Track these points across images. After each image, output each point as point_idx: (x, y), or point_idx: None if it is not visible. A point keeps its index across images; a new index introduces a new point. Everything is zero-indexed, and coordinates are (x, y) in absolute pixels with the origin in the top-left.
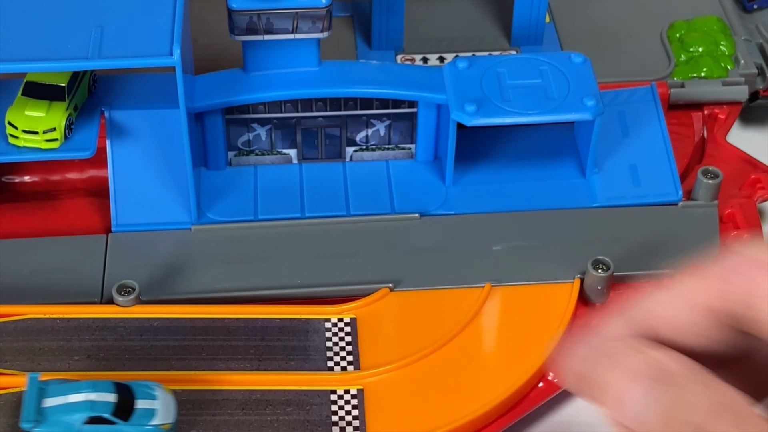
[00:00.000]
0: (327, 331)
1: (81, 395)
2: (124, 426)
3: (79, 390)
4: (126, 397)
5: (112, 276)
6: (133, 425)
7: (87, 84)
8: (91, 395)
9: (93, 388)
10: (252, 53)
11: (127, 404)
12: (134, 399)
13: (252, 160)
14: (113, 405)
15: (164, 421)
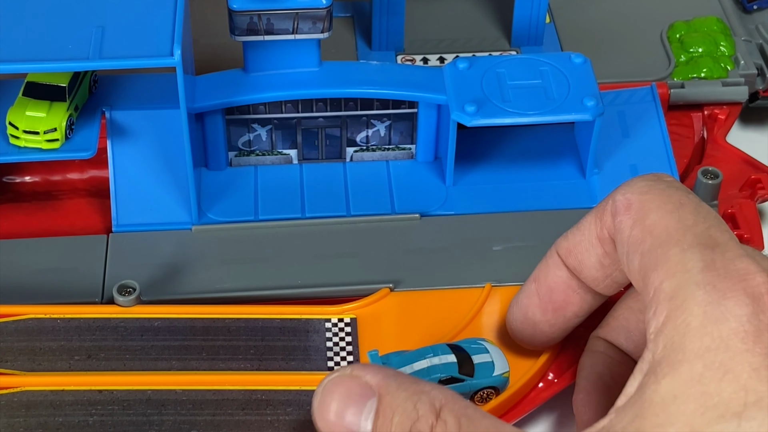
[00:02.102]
0: (327, 332)
1: (425, 361)
2: (473, 381)
3: (421, 357)
4: (464, 356)
5: (113, 276)
6: (481, 379)
7: (88, 84)
8: (433, 359)
9: (433, 353)
10: (252, 54)
11: (467, 362)
12: (470, 356)
13: (252, 160)
14: (456, 365)
15: (503, 370)
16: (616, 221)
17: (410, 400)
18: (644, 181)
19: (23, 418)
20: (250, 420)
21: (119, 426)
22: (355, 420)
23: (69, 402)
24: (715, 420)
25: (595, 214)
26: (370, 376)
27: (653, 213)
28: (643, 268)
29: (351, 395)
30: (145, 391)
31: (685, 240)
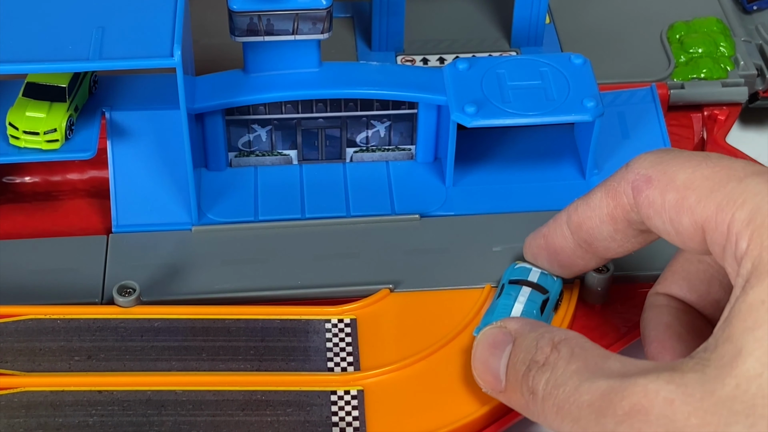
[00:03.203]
0: (327, 332)
1: (518, 306)
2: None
3: (509, 305)
4: (525, 281)
5: (113, 277)
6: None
7: (88, 85)
8: (521, 299)
9: (511, 294)
10: (252, 54)
11: (532, 284)
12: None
13: (252, 161)
14: (534, 292)
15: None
16: (641, 198)
17: (534, 339)
18: (651, 157)
19: (23, 419)
20: (250, 421)
21: (119, 426)
22: (495, 364)
23: (69, 402)
24: None
25: (605, 193)
26: (512, 324)
27: (681, 173)
28: (700, 219)
29: (495, 343)
30: (145, 391)
31: (734, 175)
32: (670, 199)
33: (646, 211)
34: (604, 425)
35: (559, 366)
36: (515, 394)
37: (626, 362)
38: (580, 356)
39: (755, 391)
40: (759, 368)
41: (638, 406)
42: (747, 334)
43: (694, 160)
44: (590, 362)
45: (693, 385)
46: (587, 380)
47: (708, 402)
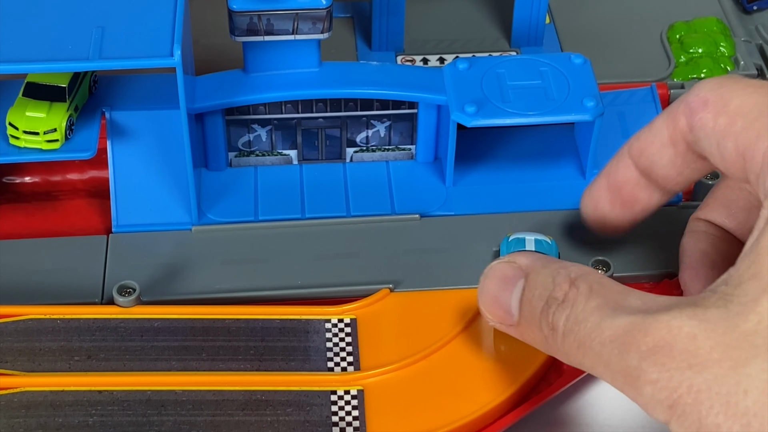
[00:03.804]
0: (327, 332)
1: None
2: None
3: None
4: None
5: (113, 276)
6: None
7: (88, 85)
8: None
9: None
10: (252, 54)
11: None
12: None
13: (252, 160)
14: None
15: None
16: (696, 119)
17: (550, 275)
18: (713, 81)
19: (23, 419)
20: (250, 420)
21: (119, 426)
22: (506, 298)
23: (69, 402)
24: None
25: (666, 117)
26: (522, 259)
27: (735, 99)
28: (742, 146)
29: (505, 278)
30: (145, 391)
31: None
32: (721, 123)
33: (698, 132)
34: (628, 361)
35: (579, 302)
36: (531, 330)
37: (646, 299)
38: (599, 292)
39: None
40: None
41: (662, 341)
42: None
43: (752, 86)
44: (610, 298)
45: (716, 321)
46: (609, 317)
47: (730, 337)
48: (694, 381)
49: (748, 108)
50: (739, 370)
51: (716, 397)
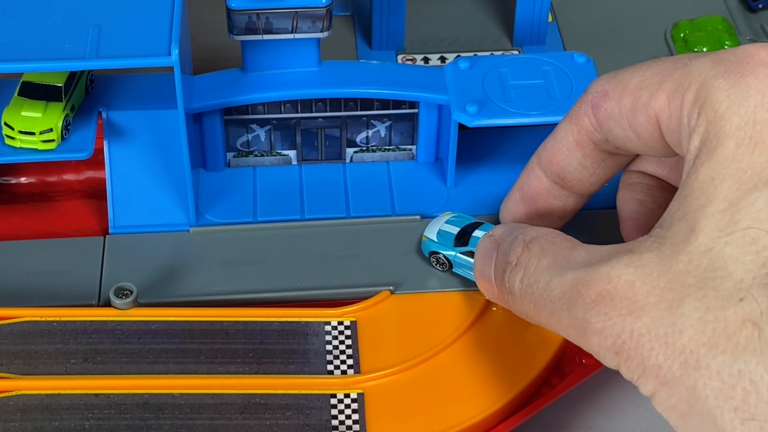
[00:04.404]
0: (327, 335)
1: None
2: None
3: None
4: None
5: (110, 278)
6: None
7: (84, 84)
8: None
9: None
10: (251, 53)
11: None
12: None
13: (251, 161)
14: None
15: None
16: (601, 113)
17: (510, 242)
18: (606, 75)
19: (19, 423)
20: (249, 424)
21: (116, 430)
22: (488, 270)
23: (65, 406)
24: (749, 191)
25: (569, 121)
26: (497, 230)
27: (633, 79)
28: (654, 113)
29: (486, 252)
30: (143, 395)
31: (679, 63)
32: (626, 103)
33: (606, 124)
34: (575, 314)
35: (531, 264)
36: (501, 297)
37: (592, 251)
38: (550, 251)
39: (706, 265)
40: (709, 243)
41: (603, 292)
42: (699, 211)
43: (646, 63)
44: (559, 256)
45: (650, 265)
46: (557, 275)
47: (664, 279)
48: (635, 326)
49: (648, 79)
50: (674, 311)
51: (655, 339)
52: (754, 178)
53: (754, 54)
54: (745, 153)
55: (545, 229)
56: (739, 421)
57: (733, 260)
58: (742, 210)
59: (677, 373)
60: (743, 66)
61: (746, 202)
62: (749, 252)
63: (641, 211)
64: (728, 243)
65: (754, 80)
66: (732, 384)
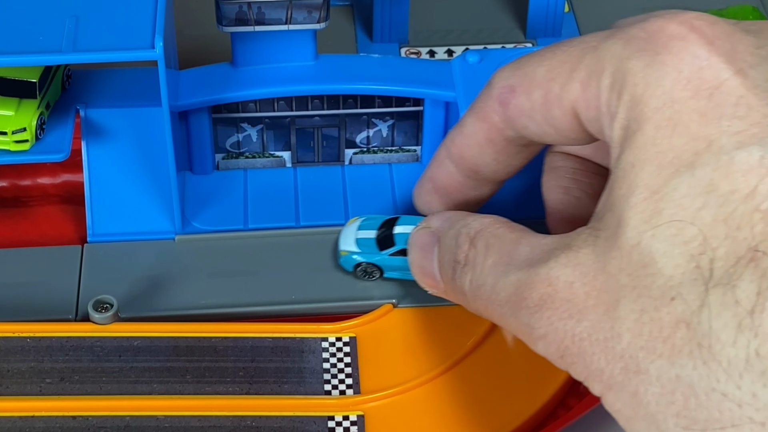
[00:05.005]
0: (324, 352)
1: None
2: None
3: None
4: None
5: (88, 291)
6: None
7: (60, 79)
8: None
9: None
10: (242, 46)
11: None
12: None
13: (242, 163)
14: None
15: None
16: (511, 110)
17: (453, 237)
18: (507, 67)
19: None
20: None
21: None
22: (429, 266)
23: (40, 429)
24: (670, 176)
25: (476, 117)
26: (434, 221)
27: (539, 69)
28: (569, 104)
29: (423, 246)
30: (124, 417)
31: (588, 47)
32: (537, 97)
33: (519, 121)
34: (521, 319)
35: (477, 263)
36: (454, 295)
37: (535, 245)
38: (495, 247)
39: (636, 261)
40: (636, 237)
41: (545, 296)
42: (623, 202)
43: (550, 50)
44: (503, 252)
45: (587, 264)
46: (502, 275)
47: (600, 279)
48: (576, 330)
49: (557, 68)
50: (611, 314)
51: (596, 343)
52: (675, 162)
53: (664, 27)
54: (664, 136)
55: (488, 218)
56: (682, 427)
57: (661, 255)
58: (664, 198)
59: (619, 378)
60: (656, 42)
61: (668, 189)
62: (676, 245)
63: (567, 201)
64: (654, 236)
65: (668, 56)
66: (671, 389)
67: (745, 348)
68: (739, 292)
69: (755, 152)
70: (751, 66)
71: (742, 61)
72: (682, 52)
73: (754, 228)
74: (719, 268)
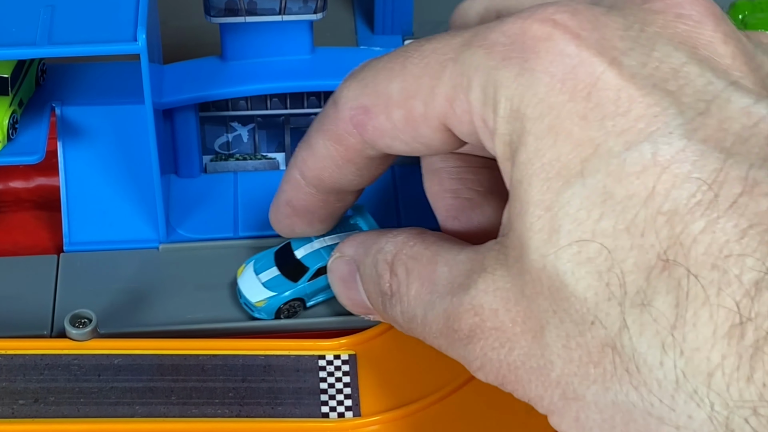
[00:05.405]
0: (321, 371)
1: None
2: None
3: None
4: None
5: (65, 304)
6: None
7: (34, 75)
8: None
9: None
10: (232, 38)
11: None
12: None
13: (231, 165)
14: None
15: None
16: (370, 132)
17: (372, 265)
18: (352, 82)
19: None
20: None
21: None
22: (356, 296)
23: None
24: (561, 189)
25: (326, 139)
26: (347, 250)
27: (393, 85)
28: (438, 121)
29: (344, 277)
30: None
31: (445, 59)
32: (398, 117)
33: (382, 141)
34: (457, 351)
35: (402, 293)
36: (391, 323)
37: (452, 265)
38: (414, 272)
39: (549, 284)
40: (540, 260)
41: (474, 326)
42: (519, 222)
43: (397, 62)
44: (424, 278)
45: (505, 288)
46: (429, 307)
47: (522, 305)
48: (509, 359)
49: (413, 85)
50: (540, 341)
51: (531, 371)
52: (563, 172)
53: (525, 30)
54: (547, 146)
55: (400, 234)
56: None
57: (570, 276)
58: (559, 214)
59: (559, 404)
60: (520, 48)
61: (561, 203)
62: (581, 263)
63: (458, 205)
64: (558, 257)
65: (537, 61)
66: (611, 414)
67: (673, 369)
68: (656, 309)
69: (646, 150)
70: (624, 53)
71: (614, 48)
72: (550, 54)
73: (659, 233)
74: (631, 282)
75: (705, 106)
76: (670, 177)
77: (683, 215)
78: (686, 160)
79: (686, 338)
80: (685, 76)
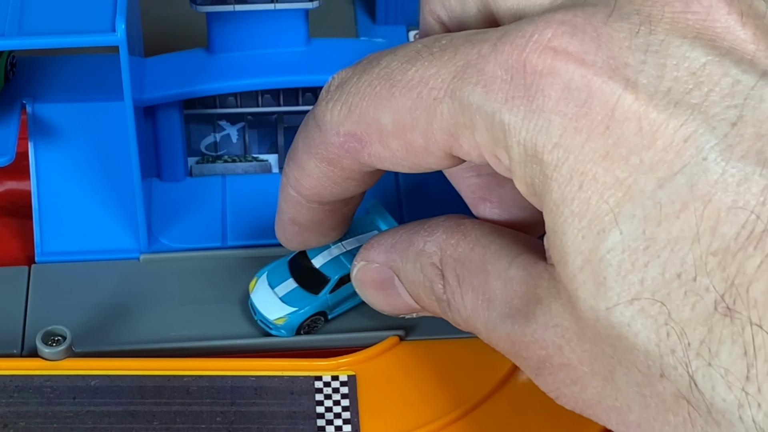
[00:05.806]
0: (318, 393)
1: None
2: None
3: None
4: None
5: (36, 320)
6: None
7: (3, 69)
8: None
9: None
10: (219, 28)
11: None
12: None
13: (219, 168)
14: None
15: None
16: (365, 157)
17: (416, 270)
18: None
19: None
20: None
21: None
22: (399, 300)
23: None
24: (598, 240)
25: (322, 162)
26: (374, 256)
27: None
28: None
29: (380, 285)
30: None
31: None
32: (396, 147)
33: (381, 164)
34: (529, 374)
35: (458, 302)
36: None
37: (506, 282)
38: (466, 281)
39: (607, 334)
40: (592, 313)
41: (542, 358)
42: (562, 270)
43: (383, 87)
44: (478, 290)
45: (564, 326)
46: (491, 327)
47: (584, 347)
48: (584, 397)
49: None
50: (612, 385)
51: (609, 410)
52: (595, 222)
53: (525, 64)
54: (571, 192)
55: (436, 232)
56: None
57: (627, 329)
58: (601, 266)
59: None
60: (523, 87)
61: (600, 255)
62: (636, 317)
63: (482, 184)
64: (610, 311)
65: (544, 100)
66: None
67: (753, 425)
68: (724, 360)
69: (681, 184)
70: (637, 70)
71: (625, 66)
72: (556, 90)
73: (712, 277)
74: (692, 333)
75: (736, 113)
76: (714, 211)
77: (735, 253)
78: (727, 187)
79: (761, 390)
80: (708, 80)
